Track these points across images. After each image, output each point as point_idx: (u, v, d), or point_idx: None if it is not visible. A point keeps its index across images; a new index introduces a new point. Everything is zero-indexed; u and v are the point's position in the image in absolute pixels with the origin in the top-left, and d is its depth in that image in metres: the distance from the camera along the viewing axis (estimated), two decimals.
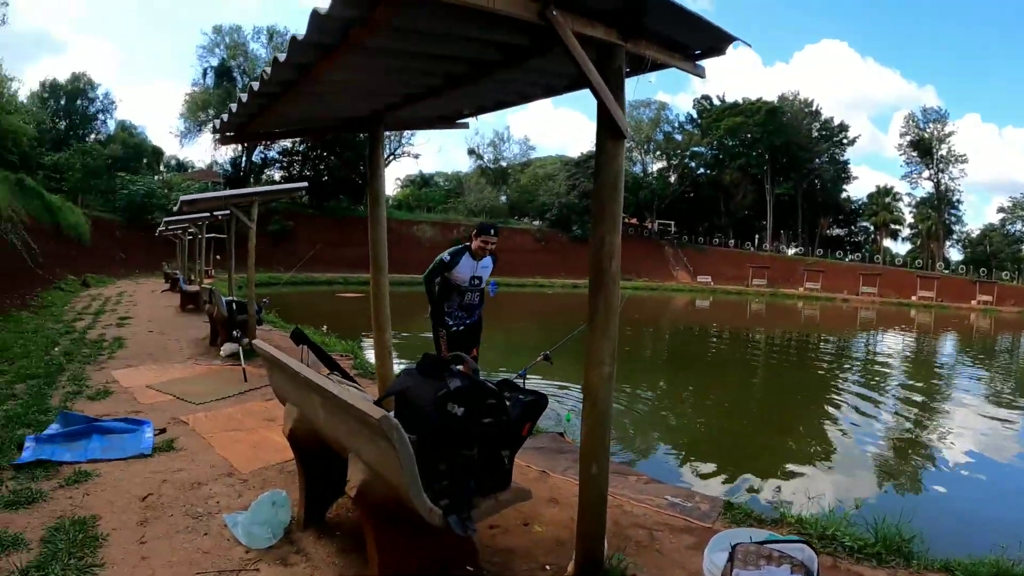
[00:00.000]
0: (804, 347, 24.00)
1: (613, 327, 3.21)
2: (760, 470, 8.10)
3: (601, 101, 3.04)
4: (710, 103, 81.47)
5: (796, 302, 53.68)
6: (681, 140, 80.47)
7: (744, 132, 75.87)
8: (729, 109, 77.33)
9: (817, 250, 74.92)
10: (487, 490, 3.16)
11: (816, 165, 77.98)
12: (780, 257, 72.13)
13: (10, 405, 7.03)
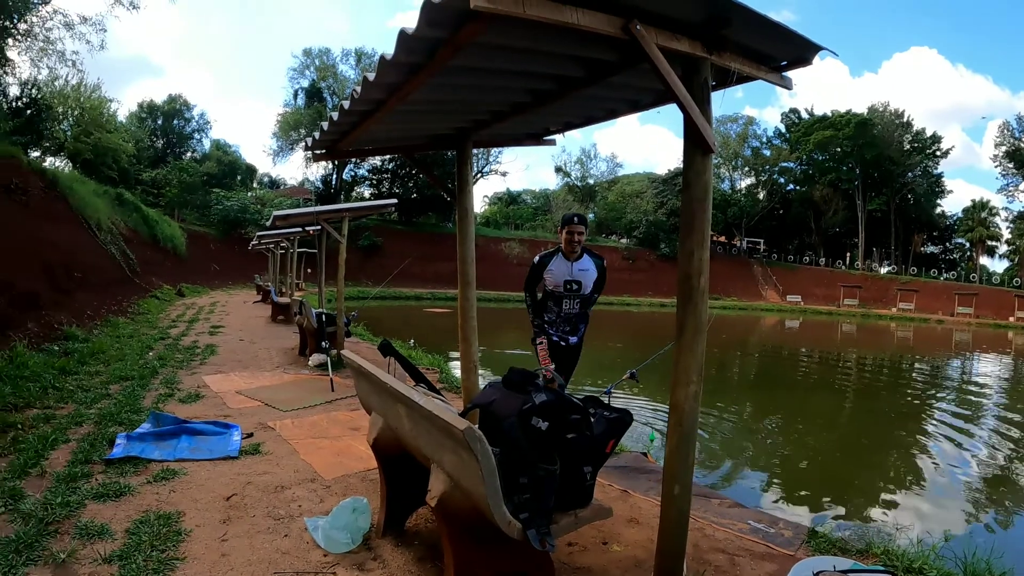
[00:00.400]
0: (896, 371, 23.13)
1: (701, 344, 3.15)
2: (846, 498, 7.82)
3: (688, 115, 3.00)
4: (798, 116, 79.64)
5: (888, 323, 51.71)
6: (769, 155, 78.69)
7: (834, 146, 73.52)
8: (818, 122, 75.21)
9: (911, 268, 71.86)
10: (567, 506, 3.14)
11: (909, 179, 74.33)
12: (872, 276, 69.57)
13: (104, 404, 7.39)
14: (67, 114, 43.02)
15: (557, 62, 3.65)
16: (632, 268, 66.85)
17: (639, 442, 7.90)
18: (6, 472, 4.96)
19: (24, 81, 27.70)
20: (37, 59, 24.82)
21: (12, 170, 14.64)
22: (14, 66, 23.64)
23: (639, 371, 6.09)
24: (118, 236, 24.79)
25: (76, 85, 42.06)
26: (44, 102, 29.36)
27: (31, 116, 26.67)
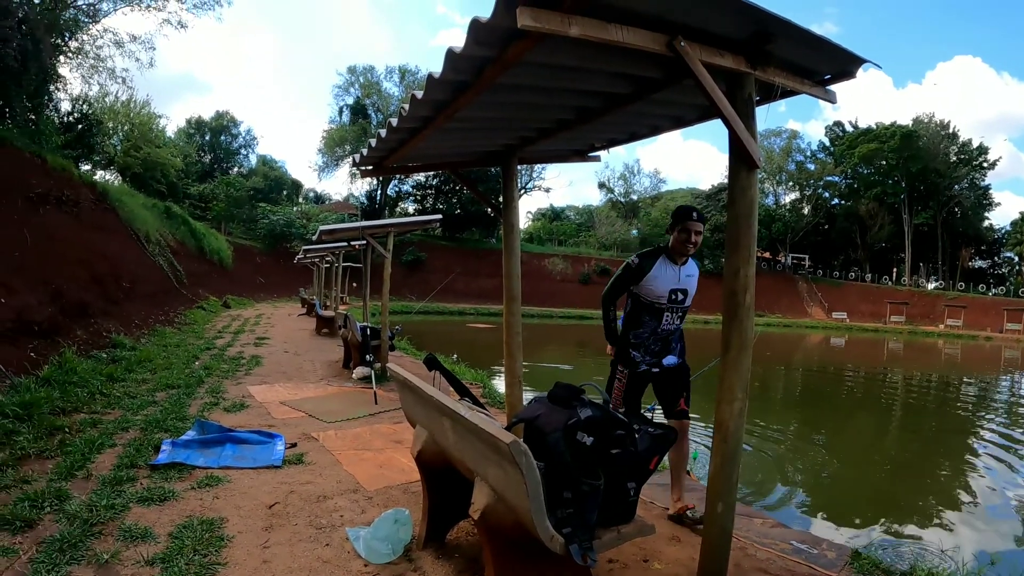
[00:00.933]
0: (944, 389, 22.65)
1: (746, 361, 3.14)
2: (892, 519, 7.65)
3: (732, 131, 3.00)
4: (842, 130, 78.70)
5: (936, 340, 50.60)
6: (814, 169, 77.65)
7: (879, 159, 72.40)
8: (863, 135, 74.17)
9: (958, 284, 70.31)
10: (610, 522, 3.13)
11: (955, 192, 72.67)
12: (919, 292, 68.17)
13: (151, 411, 7.55)
14: (117, 129, 44.31)
15: (602, 79, 3.67)
16: None
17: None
18: (53, 474, 5.09)
19: (75, 97, 28.47)
20: (88, 76, 25.45)
21: (64, 182, 15.02)
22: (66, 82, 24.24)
23: None
24: (166, 248, 25.31)
25: (126, 101, 43.37)
26: (95, 117, 30.07)
27: (82, 131, 27.33)
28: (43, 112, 18.00)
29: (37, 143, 15.09)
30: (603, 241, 74.57)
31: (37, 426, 6.27)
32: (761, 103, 3.43)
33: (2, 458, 5.33)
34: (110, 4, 23.11)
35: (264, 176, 67.17)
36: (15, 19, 13.60)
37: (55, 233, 13.01)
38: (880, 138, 72.00)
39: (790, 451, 10.66)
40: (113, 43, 24.68)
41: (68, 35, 21.40)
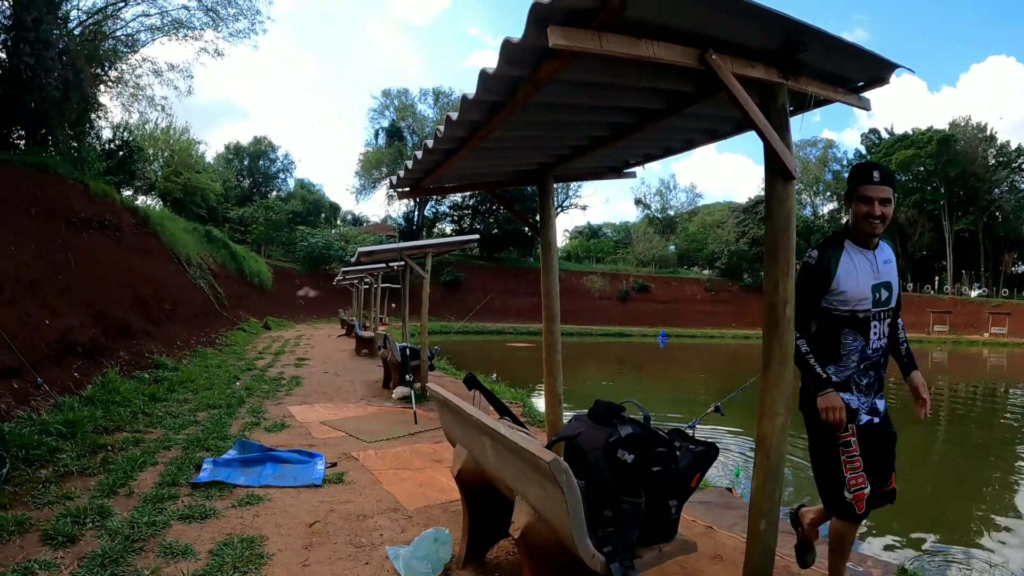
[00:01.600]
0: (990, 399, 22.19)
1: (788, 376, 3.09)
2: (937, 534, 7.48)
3: (767, 142, 2.98)
4: (878, 137, 77.63)
5: (981, 349, 49.59)
6: None
7: (917, 165, 71.17)
8: (899, 142, 73.05)
9: (1002, 290, 68.80)
10: (651, 540, 3.09)
11: (996, 196, 71.02)
12: (962, 300, 66.82)
13: (192, 430, 7.67)
14: (157, 155, 45.26)
15: (635, 95, 3.67)
16: (715, 300, 66.09)
17: (724, 473, 7.73)
18: (95, 491, 5.19)
19: (116, 125, 29.11)
20: (128, 104, 26.00)
21: (106, 208, 15.32)
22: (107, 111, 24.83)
23: (724, 405, 5.97)
24: (207, 271, 25.73)
25: (165, 128, 44.30)
26: (135, 144, 30.69)
27: (123, 157, 27.90)
28: (85, 140, 18.44)
29: (80, 170, 15.43)
30: (641, 258, 74.31)
31: (80, 444, 6.41)
32: (795, 113, 3.41)
33: (46, 475, 5.47)
34: (148, 34, 23.66)
35: (302, 199, 68.18)
36: (56, 50, 13.97)
37: (98, 256, 13.27)
38: (917, 144, 70.90)
39: None
40: (152, 72, 25.22)
41: (108, 65, 21.91)
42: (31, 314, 9.09)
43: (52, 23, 14.11)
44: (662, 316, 61.06)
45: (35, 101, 13.27)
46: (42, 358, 8.61)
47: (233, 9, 24.56)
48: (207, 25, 24.55)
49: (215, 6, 24.14)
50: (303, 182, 76.90)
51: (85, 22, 20.31)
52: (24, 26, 12.95)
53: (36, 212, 11.14)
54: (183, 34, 24.24)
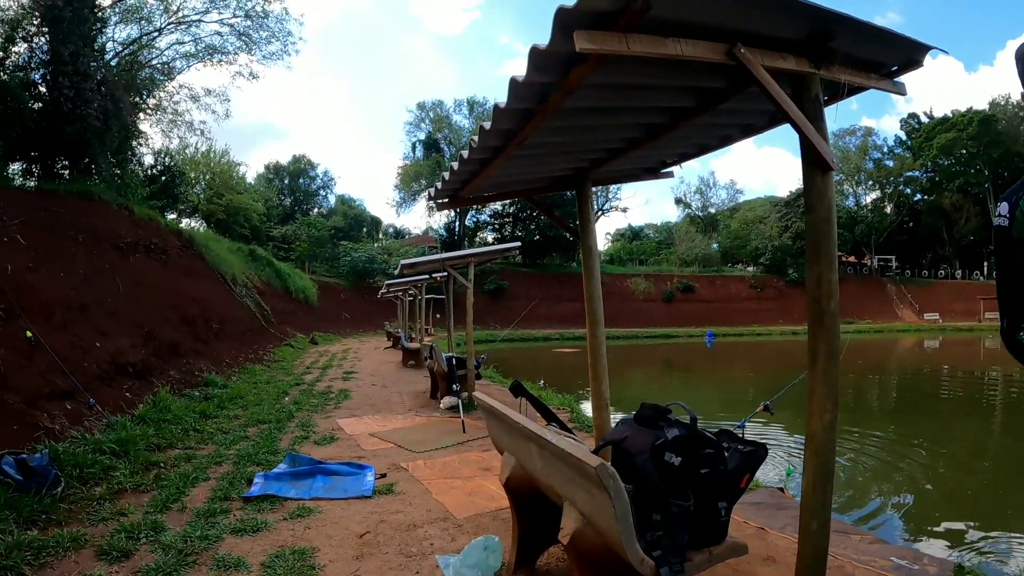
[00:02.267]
0: None
1: (835, 371, 3.02)
2: (997, 530, 7.23)
3: (803, 134, 2.93)
4: (918, 121, 75.89)
5: None
6: (892, 166, 74.82)
7: (959, 148, 69.26)
8: (939, 125, 71.19)
9: None
10: (701, 543, 3.06)
11: None
12: None
13: (243, 445, 7.79)
14: (199, 178, 46.27)
15: (667, 94, 3.65)
16: (760, 297, 65.21)
17: (776, 476, 7.61)
18: (148, 506, 5.30)
19: (157, 150, 29.92)
20: (167, 130, 26.71)
21: (152, 231, 15.67)
22: (147, 137, 25.43)
23: (772, 403, 5.89)
24: (252, 289, 26.13)
25: (205, 152, 45.33)
26: (177, 169, 31.48)
27: (166, 182, 28.58)
28: (127, 166, 18.92)
29: (124, 196, 15.84)
30: (684, 258, 73.64)
31: (133, 462, 6.54)
32: (829, 103, 3.35)
33: (100, 492, 5.59)
34: (183, 61, 24.34)
35: (344, 215, 68.96)
36: (94, 81, 14.36)
37: (145, 279, 13.56)
38: (957, 126, 69.06)
39: (888, 461, 10.25)
40: (189, 98, 25.88)
41: (146, 93, 22.52)
42: (82, 337, 9.30)
43: (89, 55, 14.52)
44: (707, 315, 60.40)
45: (76, 132, 13.64)
46: (94, 379, 8.81)
47: (265, 32, 25.16)
48: (240, 49, 25.17)
49: (247, 31, 24.75)
50: (343, 198, 77.85)
51: (121, 53, 20.97)
52: (62, 60, 13.33)
53: (83, 239, 11.41)
54: (217, 59, 24.90)
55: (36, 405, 7.18)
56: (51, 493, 5.21)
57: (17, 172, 14.22)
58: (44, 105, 13.56)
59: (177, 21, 23.07)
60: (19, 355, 7.56)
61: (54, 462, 5.62)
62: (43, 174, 14.06)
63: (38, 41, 14.03)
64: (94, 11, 15.60)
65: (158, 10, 22.47)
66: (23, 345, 7.73)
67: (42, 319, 8.55)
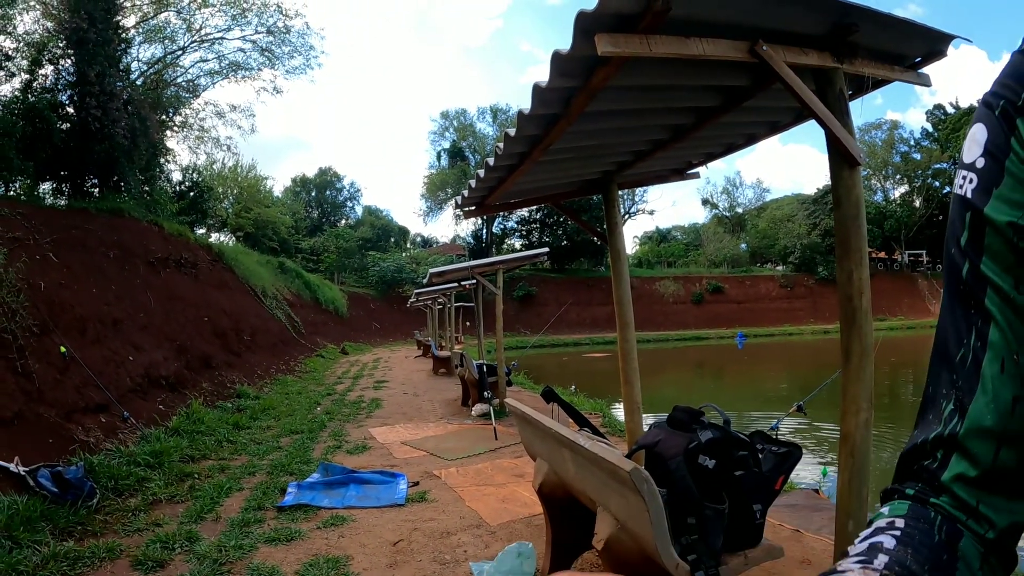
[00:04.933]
0: None
1: (868, 369, 2.98)
2: None
3: (828, 129, 2.90)
4: (944, 113, 74.44)
5: None
6: (920, 159, 73.59)
7: None
8: (966, 115, 69.42)
9: None
10: (737, 546, 3.03)
11: None
12: None
13: (276, 455, 7.85)
14: (227, 193, 46.79)
15: (691, 94, 3.63)
16: (791, 296, 64.48)
17: (811, 477, 7.52)
18: (183, 517, 5.36)
19: (185, 167, 30.36)
20: (194, 147, 27.16)
21: (182, 246, 15.86)
22: (175, 154, 25.77)
23: (806, 403, 5.81)
24: (283, 301, 26.34)
25: (232, 167, 45.94)
26: (205, 184, 31.83)
27: (194, 197, 28.91)
28: (156, 183, 19.19)
29: (153, 212, 16.05)
30: (712, 258, 73.01)
31: (167, 473, 6.63)
32: (854, 97, 3.33)
33: (135, 504, 5.67)
34: (208, 79, 24.63)
35: (371, 225, 69.30)
36: (121, 101, 14.59)
37: (177, 293, 13.72)
38: None
39: None
40: (215, 114, 26.27)
41: (172, 111, 22.82)
42: (116, 351, 9.43)
43: (115, 75, 14.77)
44: (738, 316, 59.95)
45: (105, 150, 13.87)
46: (128, 393, 8.94)
47: (287, 47, 25.39)
48: (264, 65, 25.44)
49: (270, 46, 25.00)
50: (370, 208, 78.17)
51: (146, 72, 21.29)
52: (88, 81, 13.55)
53: (114, 255, 11.57)
54: (241, 75, 25.17)
55: (71, 419, 7.29)
56: (87, 504, 5.28)
57: (48, 191, 14.46)
58: (72, 125, 13.78)
59: (200, 39, 23.33)
60: (54, 370, 7.68)
61: (89, 474, 5.71)
62: (73, 192, 14.28)
63: (64, 63, 14.25)
64: (118, 32, 15.83)
65: (181, 29, 22.75)
66: (58, 360, 7.85)
67: (76, 334, 8.68)
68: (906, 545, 0.57)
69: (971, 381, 0.61)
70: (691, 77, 3.26)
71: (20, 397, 6.77)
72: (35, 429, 6.61)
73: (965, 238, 0.63)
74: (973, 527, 0.59)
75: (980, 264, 0.61)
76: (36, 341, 7.67)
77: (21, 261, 8.08)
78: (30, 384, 7.05)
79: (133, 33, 19.96)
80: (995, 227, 0.60)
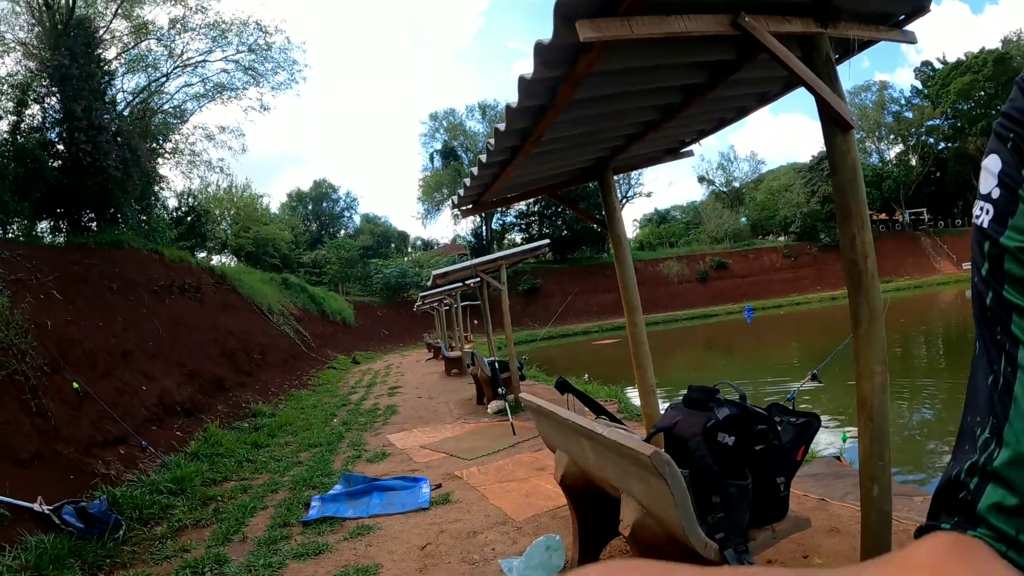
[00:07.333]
0: None
1: (879, 332, 2.96)
2: None
3: (818, 96, 2.89)
4: (932, 69, 74.06)
5: None
6: (912, 117, 73.32)
7: (976, 91, 67.36)
8: (954, 69, 69.24)
9: None
10: (763, 521, 3.03)
11: None
12: None
13: (297, 471, 7.87)
14: (224, 215, 46.87)
15: (677, 72, 3.61)
16: (795, 265, 64.30)
17: (832, 445, 7.51)
18: (210, 540, 5.38)
19: (180, 193, 30.58)
20: (187, 171, 27.14)
21: (184, 272, 15.90)
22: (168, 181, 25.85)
23: (820, 371, 5.80)
24: (290, 316, 26.39)
25: (227, 188, 46.12)
26: (201, 208, 31.96)
27: (192, 222, 29.07)
28: (152, 211, 19.30)
29: (152, 240, 16.11)
30: (714, 235, 72.90)
31: (191, 498, 6.66)
32: (840, 61, 3.31)
33: (161, 531, 5.70)
34: (194, 103, 24.73)
35: (370, 233, 69.51)
36: (110, 133, 14.64)
37: (183, 319, 13.75)
38: (972, 69, 67.31)
39: (943, 413, 10.06)
40: (205, 137, 26.24)
41: (162, 138, 22.94)
42: (128, 383, 9.46)
43: (101, 108, 14.80)
44: (744, 290, 59.80)
45: (98, 183, 13.90)
46: (144, 422, 8.98)
47: (270, 64, 25.48)
48: (248, 84, 25.54)
49: (252, 64, 25.15)
50: (368, 216, 78.41)
51: (132, 102, 21.34)
52: (75, 116, 13.59)
53: (118, 287, 11.60)
54: (227, 96, 25.22)
55: (90, 453, 7.32)
56: (113, 537, 5.31)
57: (46, 230, 14.50)
58: (64, 161, 13.81)
59: (183, 64, 23.42)
60: (68, 407, 7.70)
61: (113, 506, 5.73)
62: (71, 228, 14.32)
63: (50, 101, 14.29)
64: (100, 65, 15.90)
65: (163, 56, 22.88)
66: (71, 396, 7.88)
67: (87, 369, 8.70)
68: None
69: (1005, 406, 0.60)
70: (676, 55, 3.24)
71: (37, 437, 6.79)
72: (55, 467, 6.62)
73: (986, 268, 0.63)
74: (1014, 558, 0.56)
75: (1003, 291, 0.60)
76: (48, 380, 7.68)
77: (26, 302, 8.09)
78: (46, 423, 7.06)
79: (115, 65, 20.12)
80: (1013, 255, 0.59)
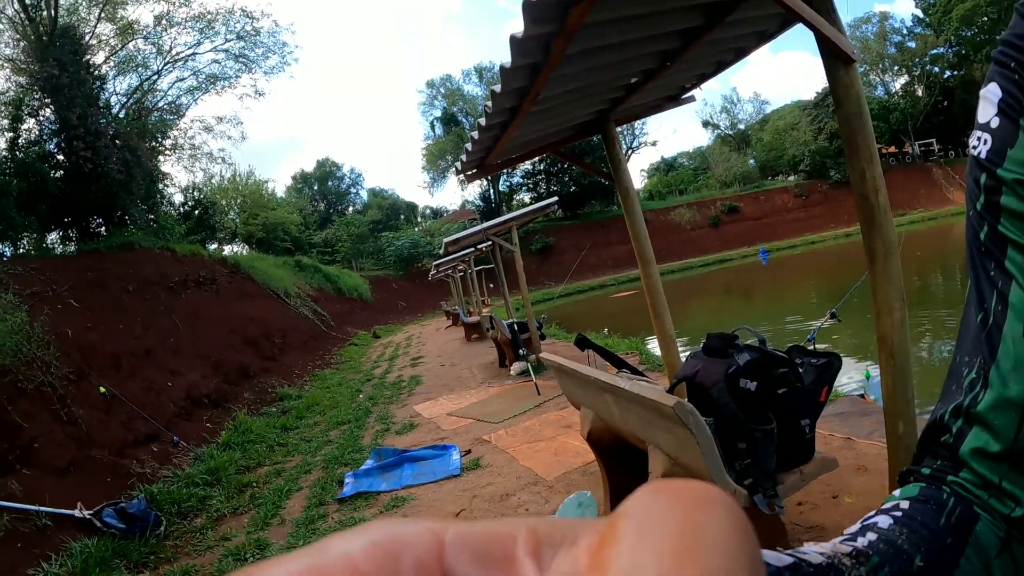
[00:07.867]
0: None
1: (895, 267, 2.92)
2: None
3: (817, 30, 2.83)
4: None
5: None
6: (915, 47, 71.93)
7: (979, 16, 65.75)
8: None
9: None
10: (791, 464, 3.04)
11: None
12: None
13: (328, 450, 7.96)
14: (231, 205, 46.89)
15: (672, 17, 3.55)
16: (807, 204, 63.56)
17: (855, 383, 7.47)
18: (249, 526, 5.48)
19: (185, 187, 30.60)
20: (189, 166, 27.23)
21: (197, 265, 15.96)
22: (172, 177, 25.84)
23: (839, 309, 5.77)
24: (306, 298, 26.45)
25: (231, 177, 46.14)
26: (207, 200, 32.00)
27: (200, 215, 29.13)
28: (159, 209, 19.34)
29: (162, 237, 16.17)
30: (723, 179, 72.11)
31: (227, 487, 6.76)
32: None
33: (201, 523, 5.80)
34: (189, 96, 24.72)
35: (379, 207, 69.18)
36: (107, 137, 14.68)
37: (202, 312, 13.84)
38: None
39: None
40: (203, 130, 26.29)
41: (160, 135, 22.89)
42: (153, 381, 9.57)
43: (96, 114, 14.90)
44: (757, 233, 59.25)
45: (102, 188, 14.02)
46: (173, 418, 9.10)
47: (260, 49, 25.38)
48: (241, 71, 25.53)
49: (242, 51, 25.15)
50: (375, 190, 77.89)
51: (127, 103, 21.30)
52: (71, 125, 13.65)
53: (133, 288, 11.68)
54: (221, 86, 25.16)
55: (123, 454, 7.43)
56: (155, 534, 5.41)
57: (56, 240, 14.61)
58: (65, 171, 13.92)
59: (173, 59, 23.33)
60: (98, 411, 7.81)
61: (152, 504, 5.83)
62: (81, 236, 14.44)
63: (44, 112, 14.35)
64: (91, 71, 15.93)
65: (152, 54, 22.82)
66: (99, 401, 7.98)
67: (112, 372, 8.81)
68: (903, 526, 0.54)
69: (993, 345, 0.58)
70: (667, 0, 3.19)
71: (71, 444, 6.89)
72: (91, 472, 6.74)
73: (982, 201, 0.60)
74: (996, 506, 0.55)
75: (999, 225, 0.58)
76: (75, 387, 7.79)
77: (44, 314, 8.17)
78: (78, 430, 7.17)
79: (106, 68, 20.10)
80: (1011, 187, 0.57)
